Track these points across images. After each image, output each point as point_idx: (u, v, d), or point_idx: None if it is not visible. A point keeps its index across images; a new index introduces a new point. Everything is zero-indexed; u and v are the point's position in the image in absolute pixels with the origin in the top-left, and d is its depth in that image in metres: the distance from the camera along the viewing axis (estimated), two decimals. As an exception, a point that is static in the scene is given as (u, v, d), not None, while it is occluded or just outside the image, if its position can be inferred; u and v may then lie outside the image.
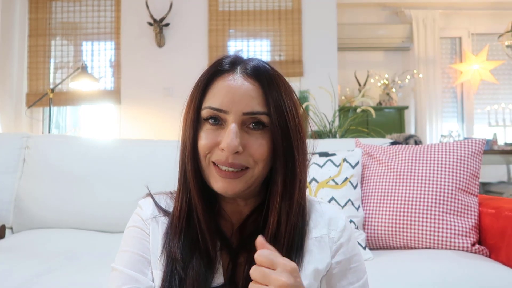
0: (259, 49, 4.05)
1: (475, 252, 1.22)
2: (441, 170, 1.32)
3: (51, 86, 3.47)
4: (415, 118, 5.09)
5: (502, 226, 1.18)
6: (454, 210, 1.26)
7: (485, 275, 1.05)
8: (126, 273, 0.60)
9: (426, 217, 1.26)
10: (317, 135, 2.69)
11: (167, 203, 0.67)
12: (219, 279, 0.60)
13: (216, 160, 0.58)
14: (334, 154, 1.44)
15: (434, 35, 4.96)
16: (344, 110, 3.51)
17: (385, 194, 1.35)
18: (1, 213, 1.60)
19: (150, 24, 3.79)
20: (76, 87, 3.51)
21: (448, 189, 1.28)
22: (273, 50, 3.99)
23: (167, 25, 3.82)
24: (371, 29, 4.95)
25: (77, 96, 3.85)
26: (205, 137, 0.59)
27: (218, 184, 0.58)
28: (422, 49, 4.95)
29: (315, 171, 1.40)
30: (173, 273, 0.58)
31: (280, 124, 0.58)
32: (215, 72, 0.60)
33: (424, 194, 1.29)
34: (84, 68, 3.19)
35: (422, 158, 1.36)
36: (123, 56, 3.91)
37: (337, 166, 1.39)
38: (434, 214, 1.26)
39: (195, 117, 0.60)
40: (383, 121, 4.36)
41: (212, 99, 0.59)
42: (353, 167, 1.40)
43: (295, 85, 3.88)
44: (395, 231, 1.29)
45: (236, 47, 4.05)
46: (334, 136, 2.64)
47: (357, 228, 1.30)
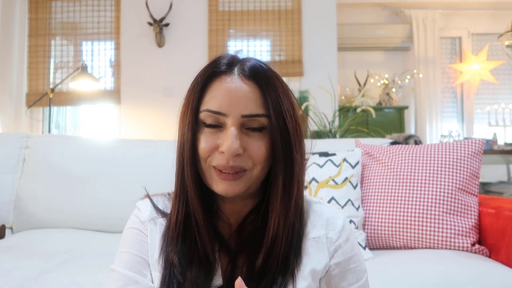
0: (259, 49, 4.04)
1: (475, 252, 1.22)
2: (441, 170, 1.32)
3: (51, 86, 3.47)
4: (415, 118, 5.09)
5: (502, 226, 1.18)
6: (454, 210, 1.26)
7: (485, 275, 1.05)
8: (125, 275, 0.59)
9: (426, 217, 1.26)
10: (317, 135, 2.69)
11: (165, 204, 0.66)
12: (218, 280, 0.60)
13: (216, 164, 0.57)
14: (334, 154, 1.44)
15: (434, 35, 4.96)
16: (344, 110, 3.51)
17: (385, 194, 1.35)
18: (1, 213, 1.60)
19: (150, 24, 3.79)
20: (76, 87, 3.50)
21: (448, 189, 1.28)
22: (273, 50, 3.98)
23: (167, 25, 3.82)
24: (371, 29, 4.95)
25: (77, 96, 3.85)
26: (205, 140, 0.58)
27: (219, 186, 0.58)
28: (422, 49, 4.95)
29: (315, 171, 1.40)
30: (171, 277, 0.58)
31: (279, 125, 0.58)
32: (212, 74, 0.60)
33: (424, 194, 1.29)
34: (84, 68, 3.19)
35: (422, 158, 1.36)
36: (123, 56, 3.91)
37: (337, 166, 1.39)
38: (434, 214, 1.26)
39: (193, 120, 0.59)
40: (383, 121, 4.36)
41: (210, 102, 0.58)
42: (353, 167, 1.40)
43: (295, 85, 3.89)
44: (395, 231, 1.29)
45: (236, 47, 4.05)
46: (334, 136, 2.64)
47: (357, 228, 1.30)
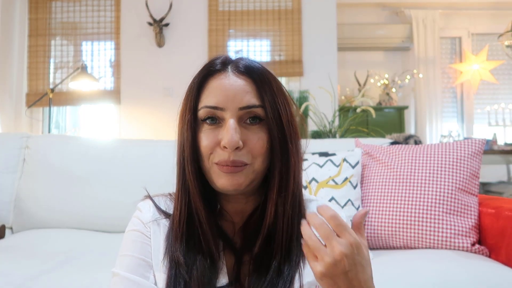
0: (259, 49, 4.04)
1: (475, 252, 1.22)
2: (441, 170, 1.32)
3: (51, 86, 3.47)
4: (415, 118, 5.09)
5: (502, 226, 1.18)
6: (454, 210, 1.26)
7: (485, 275, 1.05)
8: (128, 278, 0.59)
9: (426, 217, 1.26)
10: (317, 135, 2.69)
11: (167, 204, 0.66)
12: (224, 279, 0.60)
13: (218, 160, 0.58)
14: (334, 154, 1.44)
15: (434, 35, 4.96)
16: (344, 110, 3.50)
17: (385, 194, 1.35)
18: (1, 213, 1.60)
19: (150, 24, 3.79)
20: (76, 87, 3.50)
21: (448, 189, 1.28)
22: (273, 50, 3.98)
23: (167, 25, 3.82)
24: (371, 29, 4.95)
25: (77, 96, 3.85)
26: (205, 138, 0.59)
27: (222, 180, 0.58)
28: (422, 49, 4.95)
29: (315, 171, 1.40)
30: (177, 277, 0.58)
31: (274, 116, 0.59)
32: (207, 73, 0.62)
33: (424, 194, 1.29)
34: (84, 68, 3.19)
35: (422, 158, 1.36)
36: (123, 56, 3.91)
37: (337, 166, 1.39)
38: (434, 214, 1.26)
39: (192, 119, 0.60)
40: (383, 121, 4.36)
41: (207, 99, 0.60)
42: (353, 167, 1.40)
43: (295, 85, 3.89)
44: (395, 231, 1.29)
45: (236, 47, 4.04)
46: (334, 136, 2.64)
47: (357, 228, 1.30)
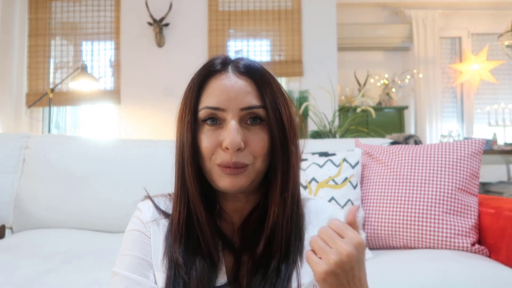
0: (259, 49, 4.04)
1: (475, 252, 1.22)
2: (441, 170, 1.32)
3: (51, 86, 3.47)
4: (415, 118, 5.09)
5: (502, 226, 1.18)
6: (454, 210, 1.26)
7: (485, 275, 1.05)
8: (128, 277, 0.59)
9: (426, 217, 1.26)
10: (317, 135, 2.69)
11: (167, 205, 0.66)
12: (223, 278, 0.60)
13: (220, 162, 0.58)
14: (334, 154, 1.44)
15: (434, 35, 4.96)
16: (344, 110, 3.50)
17: (385, 194, 1.35)
18: (1, 213, 1.60)
19: (150, 24, 3.79)
20: (76, 87, 3.50)
21: (447, 189, 1.28)
22: (273, 50, 3.98)
23: (167, 25, 3.82)
24: (371, 29, 4.95)
25: (77, 96, 3.85)
26: (206, 138, 0.59)
27: (224, 181, 0.58)
28: (422, 49, 4.95)
29: (315, 171, 1.40)
30: (177, 277, 0.58)
31: (275, 117, 0.59)
32: (207, 74, 0.61)
33: (424, 194, 1.29)
34: (84, 68, 3.19)
35: (422, 158, 1.36)
36: (123, 56, 3.91)
37: (337, 166, 1.39)
38: (434, 214, 1.26)
39: (192, 120, 0.60)
40: (383, 121, 4.36)
41: (208, 99, 0.59)
42: (353, 167, 1.40)
43: (295, 85, 3.89)
44: (395, 231, 1.29)
45: (236, 47, 4.04)
46: (334, 136, 2.64)
47: (357, 228, 1.30)
